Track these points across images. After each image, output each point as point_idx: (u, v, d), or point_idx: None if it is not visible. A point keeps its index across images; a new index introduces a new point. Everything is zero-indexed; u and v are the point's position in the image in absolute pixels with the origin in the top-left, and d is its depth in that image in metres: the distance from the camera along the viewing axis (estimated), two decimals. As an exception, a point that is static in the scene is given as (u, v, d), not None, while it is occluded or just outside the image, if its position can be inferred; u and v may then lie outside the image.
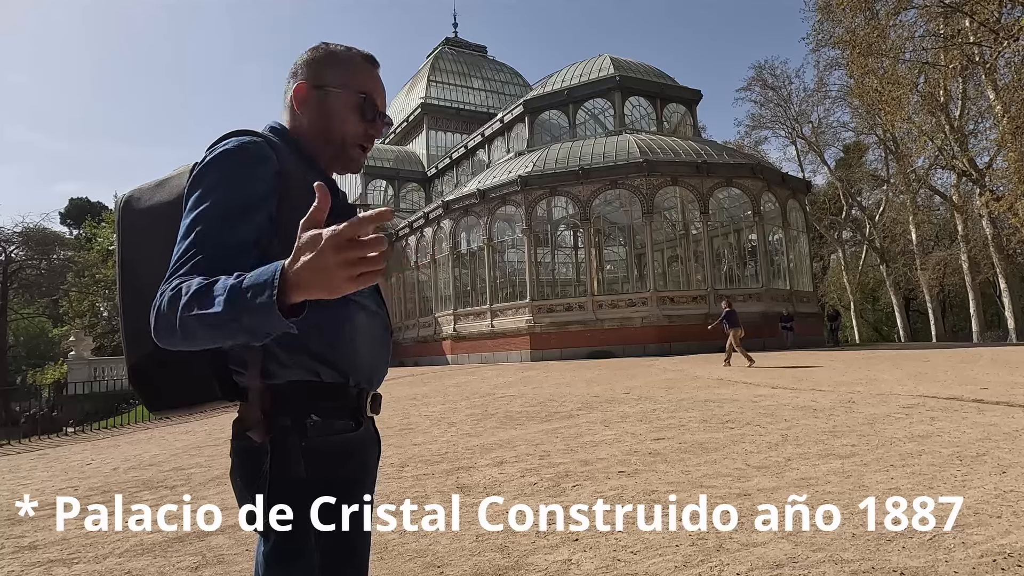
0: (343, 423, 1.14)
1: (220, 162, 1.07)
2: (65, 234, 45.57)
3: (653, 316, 20.91)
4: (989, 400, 6.55)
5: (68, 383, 24.37)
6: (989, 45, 20.40)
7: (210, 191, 1.03)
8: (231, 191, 1.03)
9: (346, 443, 1.14)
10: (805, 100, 35.82)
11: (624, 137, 23.54)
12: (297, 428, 1.08)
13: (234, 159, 1.07)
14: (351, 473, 1.15)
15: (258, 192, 1.05)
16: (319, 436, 1.10)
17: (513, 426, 6.75)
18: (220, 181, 1.04)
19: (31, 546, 3.62)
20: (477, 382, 13.22)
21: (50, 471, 6.76)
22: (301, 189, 1.04)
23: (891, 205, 34.90)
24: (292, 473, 1.07)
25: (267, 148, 1.10)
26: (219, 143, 1.12)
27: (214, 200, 1.02)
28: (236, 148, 1.08)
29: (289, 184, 1.08)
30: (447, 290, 25.80)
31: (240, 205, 1.03)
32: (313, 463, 1.08)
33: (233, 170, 1.06)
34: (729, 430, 5.67)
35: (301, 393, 1.10)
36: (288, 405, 1.09)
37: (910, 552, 2.60)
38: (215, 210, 1.01)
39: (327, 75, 1.22)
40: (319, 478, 1.08)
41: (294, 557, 1.07)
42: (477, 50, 45.33)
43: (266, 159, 1.08)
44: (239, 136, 1.13)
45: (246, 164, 1.06)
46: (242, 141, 1.10)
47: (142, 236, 1.18)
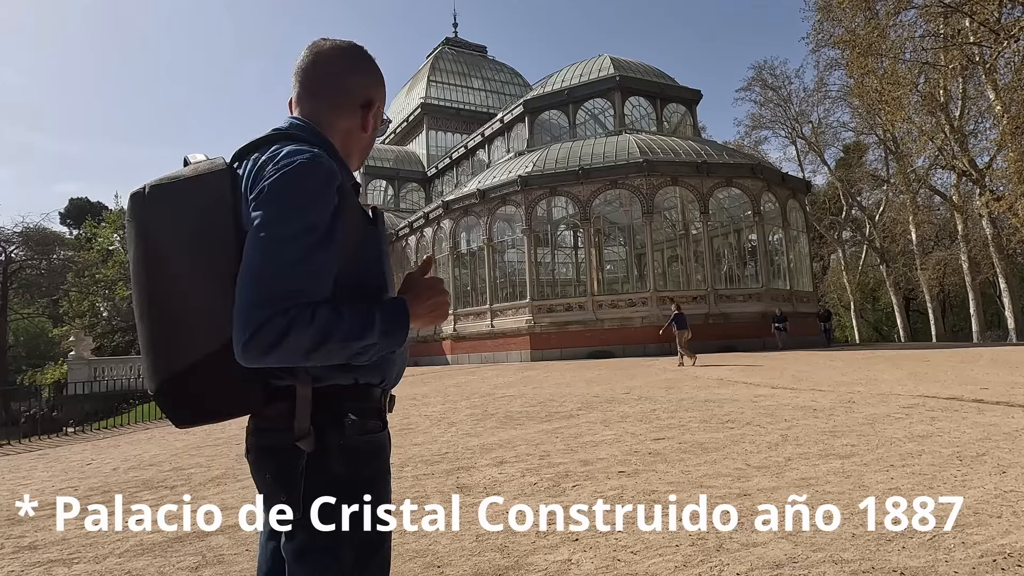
0: (374, 423, 1.17)
1: (302, 178, 1.05)
2: (65, 234, 45.59)
3: (653, 316, 20.90)
4: (989, 400, 6.54)
5: (68, 383, 24.39)
6: (989, 45, 20.41)
7: (300, 211, 1.03)
8: (321, 212, 1.04)
9: (377, 442, 1.17)
10: (805, 100, 35.94)
11: (624, 137, 23.55)
12: (336, 427, 1.10)
13: (315, 177, 1.06)
14: (377, 472, 1.17)
15: (332, 212, 1.07)
16: (355, 435, 1.12)
17: (513, 426, 6.75)
18: (308, 200, 1.04)
19: (31, 546, 3.62)
20: (477, 382, 13.22)
21: (50, 471, 6.76)
22: (350, 200, 1.11)
23: (891, 205, 34.91)
24: (328, 470, 1.09)
25: (332, 161, 1.11)
26: (282, 151, 1.09)
27: (309, 222, 1.03)
28: (313, 164, 1.07)
29: (344, 197, 1.09)
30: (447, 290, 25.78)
31: (328, 226, 1.05)
32: (348, 461, 1.10)
33: (319, 190, 1.05)
34: (729, 430, 5.67)
35: (338, 394, 1.12)
36: (326, 405, 1.10)
37: (910, 552, 2.60)
38: (313, 234, 1.02)
39: (375, 91, 1.26)
40: (352, 476, 1.11)
41: (327, 554, 1.08)
42: (477, 50, 45.34)
43: (335, 175, 1.08)
44: (295, 143, 1.12)
45: (325, 183, 1.06)
46: (315, 156, 1.08)
47: (175, 238, 1.08)
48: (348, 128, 1.23)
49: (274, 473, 1.11)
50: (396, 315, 1.07)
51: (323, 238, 1.03)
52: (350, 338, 1.00)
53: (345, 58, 1.23)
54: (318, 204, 1.05)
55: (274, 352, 0.97)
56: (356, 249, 1.12)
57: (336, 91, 1.22)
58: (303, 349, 0.98)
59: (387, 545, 1.17)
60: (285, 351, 0.97)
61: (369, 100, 1.25)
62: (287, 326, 0.96)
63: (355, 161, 1.28)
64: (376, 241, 1.17)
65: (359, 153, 1.28)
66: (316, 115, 1.22)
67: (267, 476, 1.12)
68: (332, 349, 1.00)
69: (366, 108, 1.24)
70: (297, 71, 1.24)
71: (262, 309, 0.96)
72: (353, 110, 1.23)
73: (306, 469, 1.07)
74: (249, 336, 0.96)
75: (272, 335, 0.96)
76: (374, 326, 1.03)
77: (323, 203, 1.05)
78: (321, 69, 1.22)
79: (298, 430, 1.08)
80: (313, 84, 1.22)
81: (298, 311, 0.97)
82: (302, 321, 0.97)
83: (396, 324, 1.07)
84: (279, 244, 1.00)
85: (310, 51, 1.23)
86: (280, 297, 0.97)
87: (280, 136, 1.15)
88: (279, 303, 0.97)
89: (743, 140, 38.00)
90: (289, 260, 1.00)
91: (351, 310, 1.02)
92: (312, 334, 0.97)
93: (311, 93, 1.22)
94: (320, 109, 1.22)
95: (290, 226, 1.02)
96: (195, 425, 1.18)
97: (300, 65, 1.24)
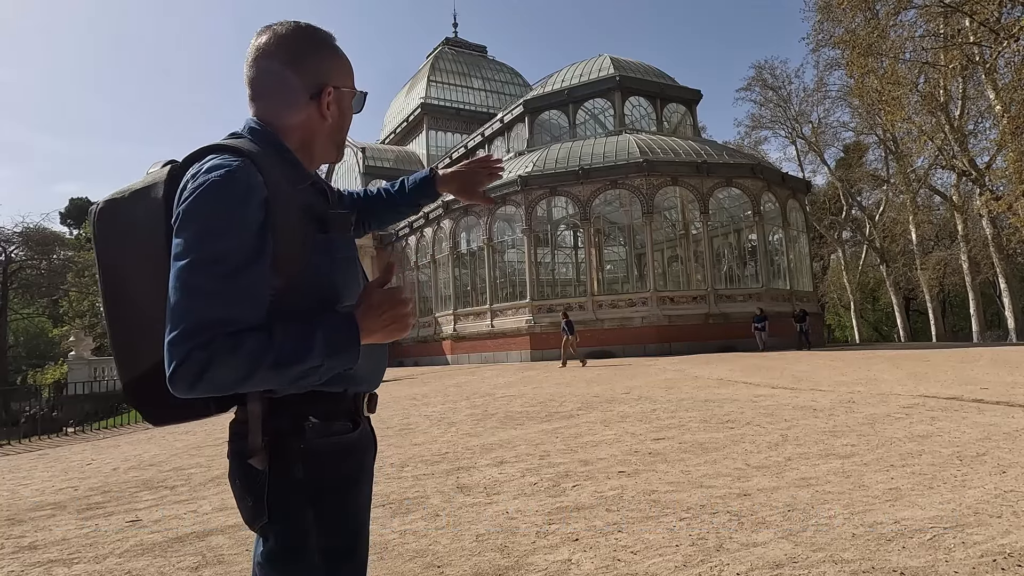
0: (341, 424, 1.15)
1: (214, 200, 0.98)
2: (65, 234, 45.65)
3: (653, 316, 20.92)
4: (989, 400, 6.54)
5: (68, 383, 24.39)
6: (989, 45, 20.41)
7: (214, 235, 0.97)
8: (237, 234, 0.98)
9: (344, 444, 1.14)
10: (805, 100, 35.94)
11: (624, 137, 23.55)
12: (295, 431, 1.08)
13: (228, 196, 0.98)
14: (349, 473, 1.15)
15: (259, 228, 1.00)
16: (317, 438, 1.10)
17: (513, 426, 6.75)
18: (222, 223, 0.98)
19: (31, 546, 3.62)
20: (477, 382, 13.23)
21: (50, 471, 6.76)
22: (284, 209, 1.04)
23: (891, 205, 34.91)
24: (290, 474, 1.07)
25: (255, 173, 1.02)
26: (203, 167, 1.03)
27: (225, 246, 0.97)
28: (226, 182, 0.99)
29: (275, 210, 1.02)
30: (447, 290, 25.81)
31: (251, 247, 0.98)
32: (311, 464, 1.08)
33: (233, 210, 0.98)
34: (729, 430, 5.67)
35: (299, 400, 1.09)
36: (286, 410, 1.09)
37: (910, 552, 2.60)
38: (231, 258, 0.96)
39: (327, 73, 1.16)
40: (317, 479, 1.09)
41: (294, 557, 1.07)
42: (477, 50, 45.34)
43: (254, 189, 1.00)
44: (221, 155, 1.05)
45: (240, 201, 0.99)
46: (230, 170, 1.00)
47: (124, 251, 1.11)
48: (304, 122, 1.15)
49: (241, 477, 1.10)
50: (341, 332, 0.99)
51: (244, 260, 0.97)
52: (285, 363, 0.94)
53: (284, 49, 1.13)
54: (234, 225, 0.97)
55: (199, 386, 0.92)
56: (301, 262, 1.06)
57: (280, 88, 1.13)
58: (230, 381, 0.93)
59: (361, 549, 1.15)
60: (210, 384, 0.92)
61: (320, 86, 1.14)
62: (207, 360, 0.91)
63: (328, 150, 1.20)
64: (328, 250, 1.10)
65: (327, 141, 1.19)
66: (267, 116, 1.14)
67: (236, 480, 1.12)
68: (266, 376, 0.94)
69: (318, 96, 1.14)
70: (244, 68, 1.16)
71: (181, 345, 0.91)
72: (304, 103, 1.14)
73: (270, 473, 1.06)
74: (171, 373, 0.92)
75: (192, 371, 0.91)
76: (314, 348, 0.95)
77: (240, 222, 0.98)
78: (261, 66, 1.14)
79: (251, 447, 1.06)
80: (256, 84, 1.14)
81: (220, 343, 0.92)
82: (224, 352, 0.91)
83: (343, 343, 0.99)
84: (195, 273, 0.94)
85: (252, 46, 1.15)
86: (198, 330, 0.92)
87: (216, 147, 1.07)
88: (198, 336, 0.91)
89: (743, 140, 38.03)
90: (208, 289, 0.94)
91: (287, 333, 0.95)
92: (237, 365, 0.92)
93: (257, 94, 1.15)
94: (269, 109, 1.14)
95: (205, 253, 0.95)
96: (165, 424, 1.22)
97: (245, 61, 1.16)
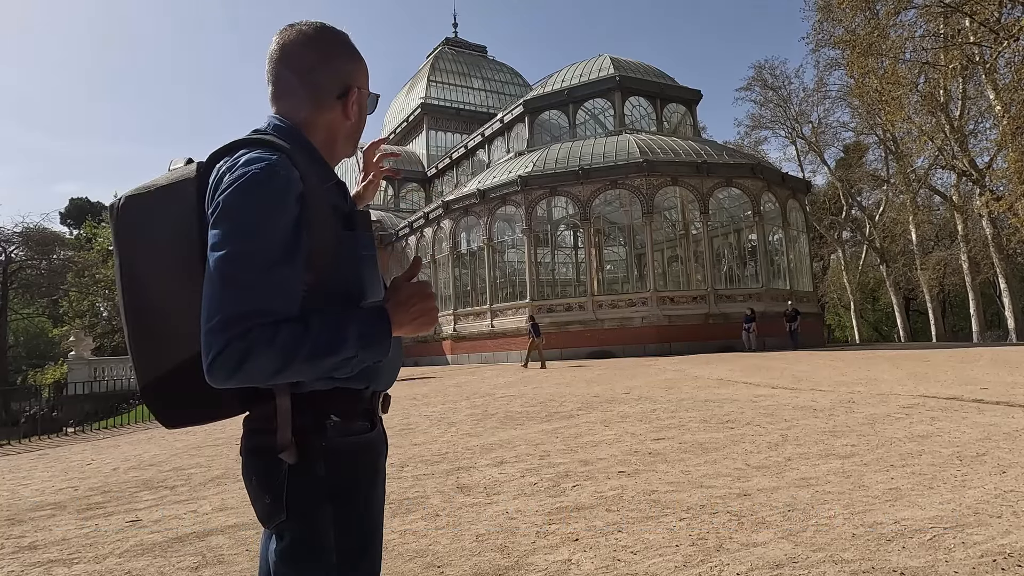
0: (360, 423, 1.15)
1: (255, 192, 1.00)
2: (65, 234, 45.63)
3: (653, 316, 20.91)
4: (989, 400, 6.54)
5: (68, 383, 24.37)
6: (989, 45, 20.42)
7: (255, 227, 0.99)
8: (277, 227, 1.00)
9: (362, 443, 1.16)
10: (805, 100, 35.96)
11: (624, 137, 23.55)
12: (317, 428, 1.09)
13: (270, 189, 1.01)
14: (366, 472, 1.16)
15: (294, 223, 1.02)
16: (338, 436, 1.10)
17: (513, 426, 6.75)
18: (262, 215, 1.00)
19: (31, 546, 3.62)
20: (477, 382, 13.23)
21: (50, 471, 6.76)
22: (319, 207, 1.07)
23: (891, 205, 34.91)
24: (312, 472, 1.07)
25: (292, 168, 1.05)
26: (240, 160, 1.05)
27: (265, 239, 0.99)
28: (267, 174, 1.02)
29: (309, 205, 1.05)
30: (447, 290, 25.80)
31: (288, 240, 1.00)
32: (332, 463, 1.09)
33: (274, 203, 1.01)
34: (729, 430, 5.66)
35: (321, 397, 1.10)
36: (308, 407, 1.09)
37: (910, 552, 2.60)
38: (270, 251, 0.99)
39: (352, 76, 1.20)
40: (337, 477, 1.09)
41: (311, 556, 1.07)
42: (477, 50, 45.34)
43: (292, 185, 1.03)
44: (256, 149, 1.06)
45: (281, 194, 1.02)
46: (270, 163, 1.03)
47: (149, 246, 1.10)
48: (329, 122, 1.18)
49: (258, 475, 1.10)
50: (374, 325, 1.03)
51: (282, 253, 0.99)
52: (321, 355, 0.97)
53: (314, 48, 1.16)
54: (273, 218, 1.00)
55: (237, 376, 0.94)
56: (331, 258, 1.08)
57: (310, 87, 1.16)
58: (268, 371, 0.95)
59: (375, 547, 1.16)
60: (248, 374, 0.94)
61: (347, 87, 1.18)
62: (246, 350, 0.93)
63: (345, 148, 1.24)
64: (353, 247, 1.13)
65: (346, 140, 1.23)
66: (293, 113, 1.16)
67: (252, 478, 1.12)
68: (301, 368, 0.96)
69: (344, 96, 1.18)
70: (267, 66, 1.17)
71: (220, 334, 0.93)
72: (331, 103, 1.17)
73: (289, 471, 1.06)
74: (210, 362, 0.94)
75: (232, 360, 0.93)
76: (348, 340, 0.99)
77: (280, 216, 1.00)
78: (291, 64, 1.16)
79: (280, 442, 1.06)
80: (283, 82, 1.16)
81: (259, 333, 0.94)
82: (262, 343, 0.93)
83: (376, 335, 1.02)
84: (234, 265, 0.97)
85: (277, 44, 1.16)
86: (238, 320, 0.94)
87: (247, 141, 1.09)
88: (237, 326, 0.93)
89: (743, 140, 38.05)
90: (246, 281, 0.96)
91: (321, 325, 0.98)
92: (274, 355, 0.94)
93: (284, 91, 1.17)
94: (296, 107, 1.17)
95: (245, 245, 0.98)
96: (181, 426, 1.21)
97: (269, 59, 1.17)
